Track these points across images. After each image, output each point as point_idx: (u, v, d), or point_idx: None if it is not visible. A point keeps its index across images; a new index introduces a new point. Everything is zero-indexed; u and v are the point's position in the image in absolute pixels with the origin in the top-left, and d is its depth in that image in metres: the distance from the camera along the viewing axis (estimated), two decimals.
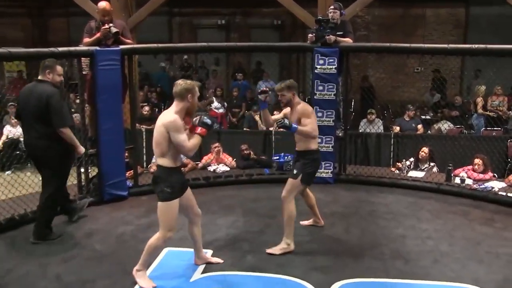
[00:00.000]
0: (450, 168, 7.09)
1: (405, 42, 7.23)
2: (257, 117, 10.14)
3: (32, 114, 5.01)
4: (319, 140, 7.06)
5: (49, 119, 4.93)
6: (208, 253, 4.70)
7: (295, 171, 4.81)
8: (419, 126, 9.66)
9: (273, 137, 8.94)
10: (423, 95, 12.76)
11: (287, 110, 4.96)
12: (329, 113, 7.06)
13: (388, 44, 7.00)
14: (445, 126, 9.74)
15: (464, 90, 13.54)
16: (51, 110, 4.91)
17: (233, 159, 7.98)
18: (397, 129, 9.52)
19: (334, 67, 6.94)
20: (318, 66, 6.98)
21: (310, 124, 4.67)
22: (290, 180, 4.81)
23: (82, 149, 5.25)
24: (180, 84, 3.94)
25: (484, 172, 7.18)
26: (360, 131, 9.26)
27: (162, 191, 3.93)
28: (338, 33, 6.94)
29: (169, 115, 3.86)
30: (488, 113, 10.28)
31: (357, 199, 6.57)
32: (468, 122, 10.40)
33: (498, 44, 6.40)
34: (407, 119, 9.70)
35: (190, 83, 3.97)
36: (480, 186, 6.80)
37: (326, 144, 7.11)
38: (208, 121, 4.02)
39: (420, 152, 7.81)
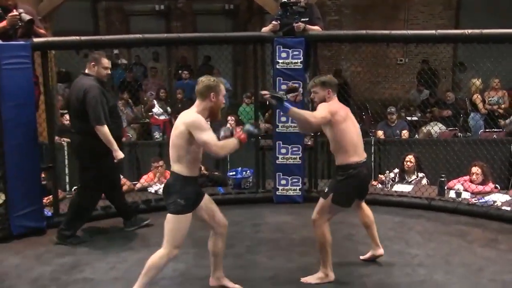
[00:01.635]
0: (443, 179, 7.21)
1: (385, 28, 7.36)
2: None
3: (72, 108, 5.89)
4: (284, 151, 7.11)
5: (86, 115, 5.66)
6: None
7: (326, 189, 4.92)
8: (404, 132, 9.79)
9: None
10: (409, 92, 13.01)
11: None
12: None
13: (364, 32, 7.11)
14: (435, 128, 9.93)
15: (457, 85, 13.80)
16: (87, 106, 5.64)
17: None
18: (379, 133, 9.64)
19: (299, 61, 7.01)
20: (280, 61, 7.03)
21: (319, 110, 4.72)
22: (320, 201, 4.88)
23: (120, 154, 5.81)
24: (202, 81, 4.24)
25: (483, 183, 7.34)
26: None
27: (175, 203, 4.18)
28: (303, 19, 7.01)
29: (191, 114, 4.16)
30: (487, 110, 10.52)
31: (332, 221, 6.55)
32: (464, 123, 10.63)
33: (495, 28, 6.58)
34: (391, 124, 9.83)
35: (214, 81, 4.25)
36: (480, 201, 6.93)
37: (293, 155, 7.16)
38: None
39: (405, 161, 7.93)
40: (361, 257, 5.36)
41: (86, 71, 5.91)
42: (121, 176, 7.63)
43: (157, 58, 14.49)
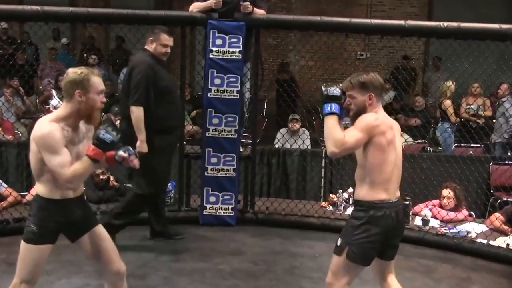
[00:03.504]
0: (407, 203, 7.30)
1: (343, 15, 7.48)
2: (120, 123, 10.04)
3: (123, 90, 6.48)
4: (215, 161, 7.14)
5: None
6: None
7: (338, 241, 4.30)
8: None
9: None
10: None
11: None
12: (230, 119, 7.18)
13: (318, 18, 7.24)
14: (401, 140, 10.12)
15: (425, 85, 14.05)
16: (130, 83, 6.10)
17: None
18: None
19: (238, 50, 7.07)
20: (214, 49, 7.07)
21: (350, 134, 4.14)
22: (333, 258, 4.35)
23: (144, 148, 6.00)
24: (67, 74, 3.94)
25: (456, 209, 7.53)
26: (276, 146, 9.43)
27: (27, 227, 4.00)
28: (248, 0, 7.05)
29: (41, 125, 3.85)
30: (463, 120, 10.75)
31: (271, 249, 6.69)
32: (434, 135, 10.86)
33: (473, 21, 6.79)
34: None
35: (82, 73, 3.90)
36: (451, 230, 7.11)
37: (225, 166, 7.20)
38: (106, 135, 3.87)
39: None
40: None
41: (145, 47, 6.37)
42: (5, 186, 7.54)
43: (58, 37, 14.30)
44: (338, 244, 4.26)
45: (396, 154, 4.28)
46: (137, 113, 6.04)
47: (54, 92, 10.69)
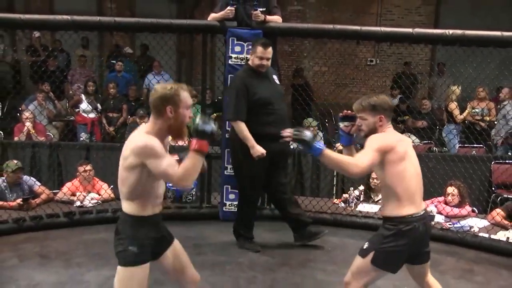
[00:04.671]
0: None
1: (354, 23, 7.50)
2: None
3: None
4: None
5: None
6: None
7: (365, 245, 4.28)
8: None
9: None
10: None
11: None
12: None
13: (331, 26, 7.22)
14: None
15: (431, 90, 14.03)
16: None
17: (109, 187, 7.89)
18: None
19: None
20: (233, 55, 7.11)
21: (364, 154, 4.09)
22: (356, 259, 4.34)
23: (259, 150, 6.09)
24: (156, 90, 3.71)
25: (460, 205, 7.55)
26: (292, 147, 9.42)
27: (125, 251, 3.75)
28: (259, 9, 7.06)
29: (139, 137, 3.65)
30: (467, 123, 10.75)
31: (287, 243, 6.72)
32: (440, 136, 10.85)
33: (479, 28, 6.78)
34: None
35: (171, 89, 3.69)
36: (455, 225, 7.13)
37: None
38: (206, 126, 3.66)
39: (371, 178, 8.07)
40: None
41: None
42: (39, 184, 7.60)
43: (87, 45, 14.38)
44: (365, 248, 4.23)
45: (414, 166, 4.27)
46: (237, 127, 6.20)
47: (83, 97, 10.78)
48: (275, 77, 6.51)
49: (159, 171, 3.56)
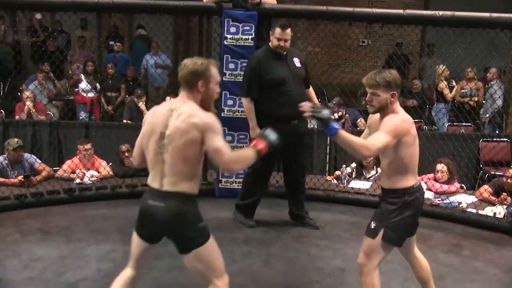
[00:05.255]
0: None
1: (347, 5, 7.47)
2: (142, 105, 10.07)
3: None
4: (229, 139, 7.16)
5: None
6: None
7: (372, 224, 4.18)
8: (359, 121, 9.95)
9: None
10: None
11: (374, 119, 4.34)
12: None
13: (324, 8, 7.22)
14: None
15: (421, 70, 14.03)
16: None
17: (108, 164, 7.88)
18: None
19: (250, 37, 7.09)
20: (229, 36, 7.08)
21: (378, 138, 3.96)
22: (366, 240, 4.22)
23: (256, 131, 5.98)
24: (186, 65, 3.64)
25: (449, 182, 7.59)
26: (309, 125, 9.39)
27: (204, 228, 3.69)
28: None
29: (201, 113, 3.56)
30: (457, 102, 10.77)
31: (281, 219, 6.73)
32: (430, 115, 10.87)
33: (468, 10, 6.78)
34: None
35: (202, 64, 3.64)
36: (444, 201, 7.18)
37: (239, 144, 7.22)
38: (274, 136, 3.78)
39: None
40: None
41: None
42: (39, 162, 7.60)
43: (85, 26, 14.28)
44: (372, 227, 4.14)
45: (418, 144, 4.20)
46: (245, 104, 6.30)
47: (82, 77, 10.74)
48: (296, 59, 6.38)
49: (215, 146, 3.50)
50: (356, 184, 7.77)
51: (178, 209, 3.56)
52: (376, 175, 8.02)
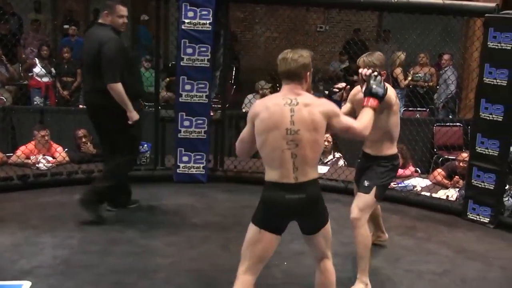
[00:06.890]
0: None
1: None
2: None
3: (86, 64, 5.93)
4: (187, 124, 7.15)
5: (101, 71, 5.68)
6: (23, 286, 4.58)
7: (366, 183, 4.75)
8: None
9: None
10: (328, 63, 13.26)
11: (356, 93, 4.82)
12: (201, 85, 7.17)
13: None
14: None
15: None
16: (102, 60, 5.64)
17: (63, 150, 7.79)
18: None
19: (208, 22, 7.03)
20: (186, 20, 7.03)
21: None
22: (361, 196, 4.76)
23: (135, 115, 5.81)
24: (294, 59, 3.67)
25: (404, 166, 7.64)
26: (244, 110, 9.43)
27: (326, 210, 3.91)
28: None
29: (321, 100, 3.74)
30: (410, 86, 10.93)
31: (239, 204, 6.70)
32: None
33: None
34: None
35: (307, 55, 3.71)
36: (399, 185, 7.28)
37: (197, 129, 7.22)
38: (379, 90, 4.07)
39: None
40: None
41: (100, 20, 5.99)
42: None
43: (39, 8, 14.07)
44: (366, 185, 4.71)
45: None
46: (117, 89, 5.68)
47: (37, 61, 10.59)
48: None
49: (345, 126, 3.78)
50: None
51: (317, 195, 3.77)
52: (334, 159, 8.08)
